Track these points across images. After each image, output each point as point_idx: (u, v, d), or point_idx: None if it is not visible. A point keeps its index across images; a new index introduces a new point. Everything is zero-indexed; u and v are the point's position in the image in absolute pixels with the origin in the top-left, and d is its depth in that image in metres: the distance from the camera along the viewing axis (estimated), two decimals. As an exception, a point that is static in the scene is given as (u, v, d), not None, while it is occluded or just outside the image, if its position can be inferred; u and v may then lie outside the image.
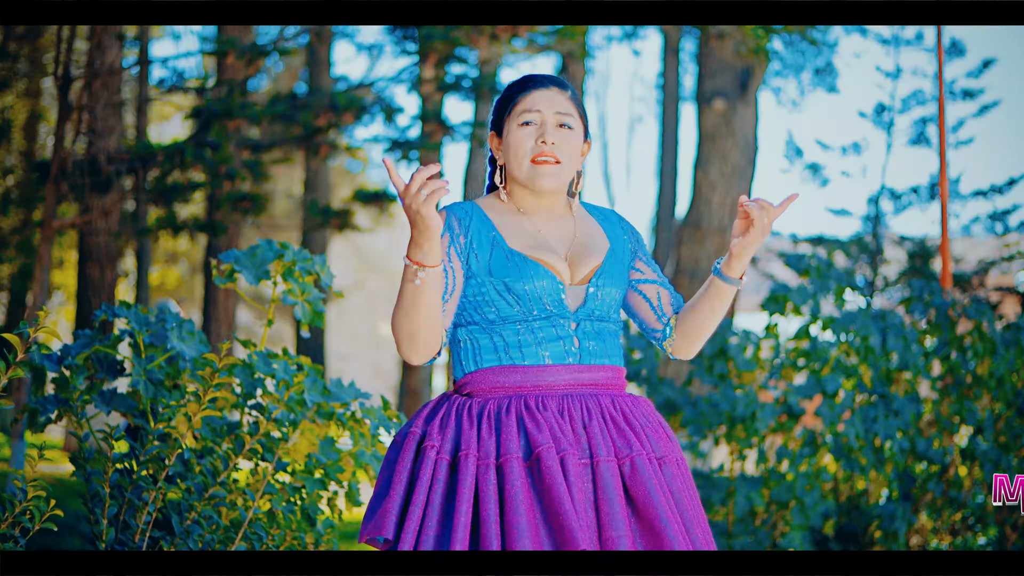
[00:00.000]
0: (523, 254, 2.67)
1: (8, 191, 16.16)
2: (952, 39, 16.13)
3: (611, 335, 2.73)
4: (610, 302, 2.72)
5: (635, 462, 2.55)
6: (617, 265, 2.76)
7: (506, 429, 2.55)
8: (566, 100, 2.75)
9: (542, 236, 2.73)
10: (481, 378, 2.64)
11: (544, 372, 2.63)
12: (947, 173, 10.11)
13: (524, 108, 2.73)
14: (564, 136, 2.73)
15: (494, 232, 2.70)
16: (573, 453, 2.51)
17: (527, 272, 2.65)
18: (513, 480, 2.48)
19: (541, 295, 2.64)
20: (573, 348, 2.66)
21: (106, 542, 3.51)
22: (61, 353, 3.82)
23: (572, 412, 2.60)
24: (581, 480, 2.52)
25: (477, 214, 2.73)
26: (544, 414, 2.57)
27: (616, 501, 2.50)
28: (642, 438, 2.61)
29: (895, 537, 6.31)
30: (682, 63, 18.18)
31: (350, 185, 24.27)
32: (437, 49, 9.07)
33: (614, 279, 2.74)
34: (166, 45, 54.68)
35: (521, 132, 2.72)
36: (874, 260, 16.35)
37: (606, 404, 2.64)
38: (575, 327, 2.67)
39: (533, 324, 2.64)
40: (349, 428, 3.96)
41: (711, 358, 6.49)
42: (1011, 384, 6.70)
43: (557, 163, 2.72)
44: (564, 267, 2.70)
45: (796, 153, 16.74)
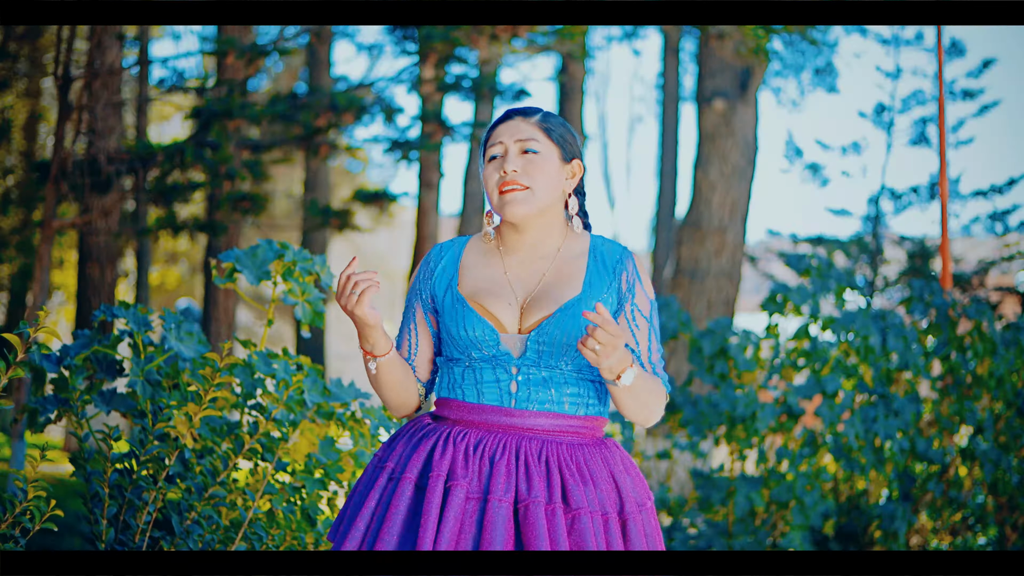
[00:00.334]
0: (465, 300, 2.68)
1: (8, 191, 16.16)
2: (952, 39, 16.14)
3: (568, 382, 2.64)
4: (562, 352, 2.62)
5: (529, 509, 2.50)
6: (578, 316, 2.63)
7: (420, 450, 2.62)
8: (529, 126, 2.72)
9: (505, 279, 2.71)
10: (440, 404, 2.74)
11: (480, 411, 2.65)
12: (947, 173, 10.11)
13: (491, 143, 2.74)
14: (528, 161, 2.69)
15: (454, 275, 2.74)
16: (463, 486, 2.53)
17: (462, 319, 2.66)
18: (399, 499, 2.56)
19: (476, 342, 2.65)
20: (509, 392, 2.64)
21: (106, 542, 3.51)
22: (60, 353, 3.82)
23: (486, 448, 2.60)
24: (464, 515, 2.51)
25: (451, 255, 2.77)
26: (457, 445, 2.60)
27: (499, 541, 2.47)
28: (552, 487, 2.54)
29: (895, 537, 6.31)
30: (682, 63, 18.19)
31: (350, 185, 24.28)
32: (437, 49, 9.07)
33: (567, 330, 2.62)
34: (166, 45, 54.66)
35: (489, 168, 2.72)
36: (874, 260, 16.35)
37: (529, 448, 2.59)
38: (516, 372, 2.64)
39: (475, 365, 2.67)
40: (349, 428, 3.96)
41: (711, 358, 6.49)
42: (1011, 384, 6.70)
43: (524, 189, 2.68)
44: (510, 314, 2.66)
45: (796, 153, 16.75)
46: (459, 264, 2.75)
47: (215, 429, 3.76)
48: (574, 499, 2.53)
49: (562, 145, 2.74)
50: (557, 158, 2.73)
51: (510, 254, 2.74)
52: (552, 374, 2.63)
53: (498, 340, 2.64)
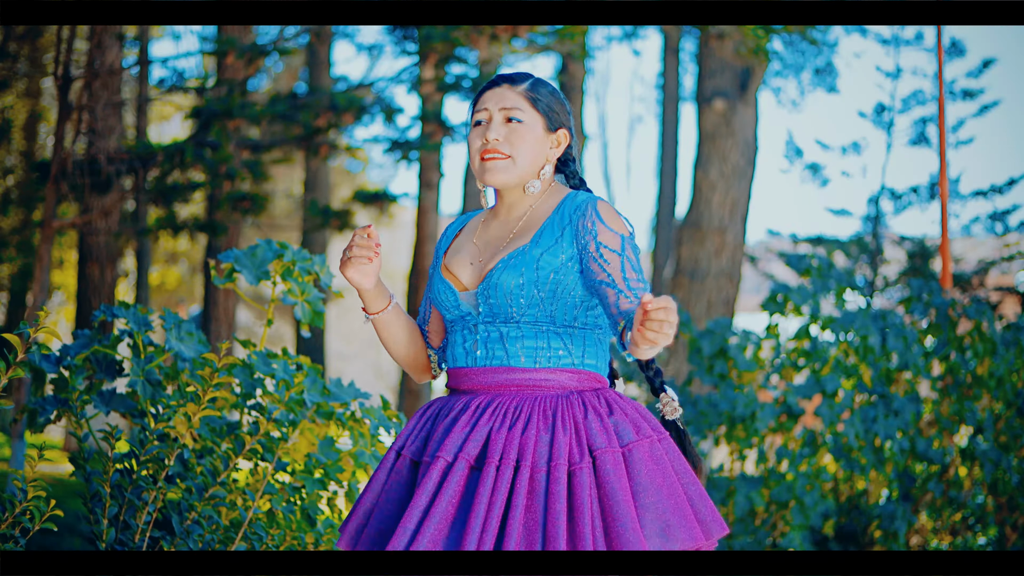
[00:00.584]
0: (439, 264, 2.77)
1: (8, 191, 16.16)
2: (952, 39, 16.13)
3: (526, 336, 2.62)
4: (508, 301, 2.61)
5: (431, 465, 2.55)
6: (523, 261, 2.62)
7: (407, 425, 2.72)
8: (515, 95, 2.72)
9: (473, 244, 2.75)
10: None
11: (454, 376, 2.72)
12: (947, 173, 10.12)
13: (476, 110, 2.76)
14: (511, 129, 2.70)
15: (448, 243, 2.82)
16: (406, 456, 2.63)
17: (432, 282, 2.75)
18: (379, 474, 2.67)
19: (441, 303, 2.72)
20: (474, 352, 2.67)
21: (106, 542, 3.51)
22: (60, 353, 3.82)
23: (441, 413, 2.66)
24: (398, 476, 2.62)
25: (454, 227, 2.87)
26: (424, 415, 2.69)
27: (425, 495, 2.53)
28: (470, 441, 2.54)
29: (895, 537, 6.31)
30: (682, 63, 18.19)
31: (350, 185, 24.28)
32: (437, 49, 9.07)
33: (510, 274, 2.61)
34: (166, 45, 54.67)
35: (472, 132, 2.75)
36: (874, 260, 16.35)
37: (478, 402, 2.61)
38: (476, 330, 2.67)
39: (451, 329, 2.73)
40: (349, 428, 3.96)
41: (711, 358, 6.49)
42: (1011, 384, 6.70)
43: (505, 157, 2.69)
44: (470, 273, 2.70)
45: (796, 153, 16.75)
46: (456, 234, 2.83)
47: (215, 429, 3.76)
48: (493, 448, 2.51)
49: (548, 115, 2.74)
50: (541, 128, 2.73)
51: (490, 219, 2.79)
52: (508, 328, 2.63)
53: (457, 299, 2.68)
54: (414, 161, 11.68)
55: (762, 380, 6.60)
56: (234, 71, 9.98)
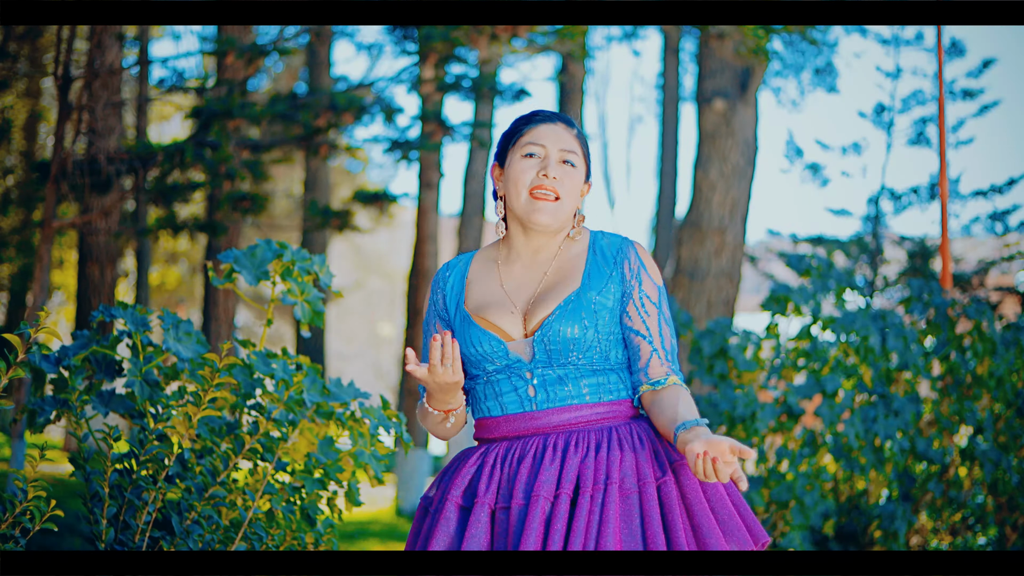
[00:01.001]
0: (471, 316, 2.71)
1: (8, 191, 16.16)
2: (952, 39, 16.13)
3: (584, 375, 2.66)
4: (569, 347, 2.64)
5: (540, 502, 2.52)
6: (580, 307, 2.65)
7: (458, 475, 2.66)
8: (572, 137, 2.74)
9: (503, 291, 2.73)
10: (476, 429, 2.78)
11: (505, 422, 2.68)
12: (947, 173, 10.12)
13: (529, 140, 2.73)
14: (566, 172, 2.71)
15: (461, 292, 2.76)
16: (483, 503, 2.57)
17: (469, 336, 2.69)
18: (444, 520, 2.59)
19: (485, 355, 2.68)
20: (529, 396, 2.66)
21: (106, 542, 3.51)
22: (59, 354, 3.82)
23: (513, 457, 2.63)
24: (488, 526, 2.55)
25: (456, 273, 2.80)
26: (484, 464, 2.64)
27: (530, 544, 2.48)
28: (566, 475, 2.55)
29: (895, 537, 6.31)
30: (682, 63, 18.18)
31: (350, 185, 24.29)
32: (437, 49, 9.07)
33: (571, 322, 2.64)
34: (166, 45, 54.67)
35: (523, 163, 2.72)
36: (874, 260, 16.35)
37: (556, 441, 2.61)
38: (530, 376, 2.66)
39: (492, 378, 2.70)
40: (349, 428, 3.96)
41: (711, 358, 6.49)
42: (1011, 384, 6.70)
43: (556, 199, 2.70)
44: (514, 322, 2.69)
45: (796, 153, 16.74)
46: (465, 280, 2.78)
47: (214, 429, 3.76)
48: (584, 479, 2.55)
49: (588, 163, 2.79)
50: (583, 175, 2.77)
51: (511, 262, 2.76)
52: (566, 371, 2.66)
53: (506, 350, 2.66)
54: (414, 161, 11.67)
55: (762, 380, 6.60)
56: (234, 71, 9.98)
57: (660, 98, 18.65)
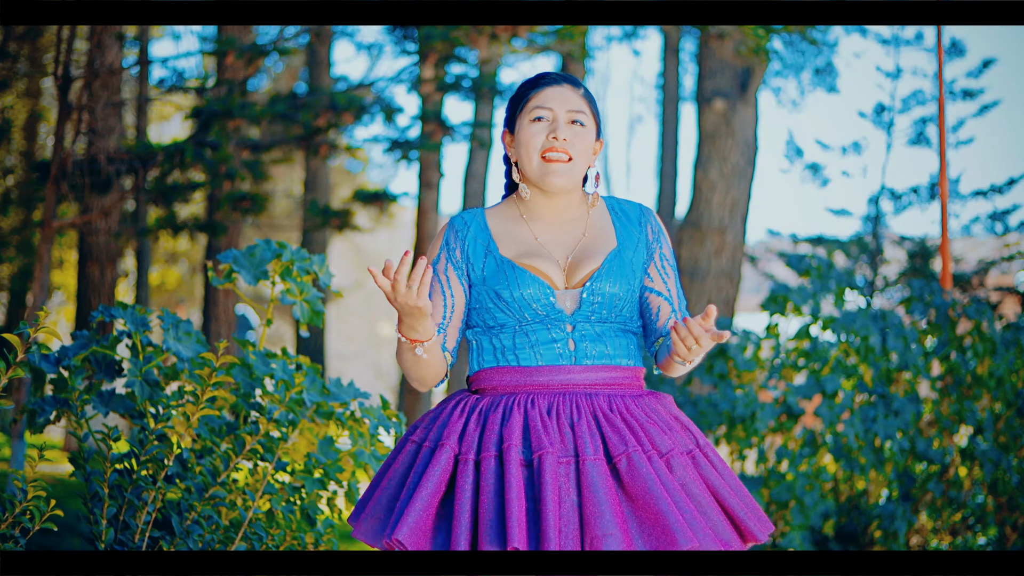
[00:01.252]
0: (513, 261, 2.70)
1: (8, 191, 16.16)
2: (952, 39, 16.13)
3: (617, 335, 2.72)
4: (612, 303, 2.70)
5: (631, 458, 2.53)
6: (622, 266, 2.72)
7: (490, 426, 2.60)
8: (578, 97, 2.77)
9: (539, 243, 2.74)
10: (483, 377, 2.71)
11: (538, 372, 2.66)
12: (947, 173, 10.12)
13: (536, 104, 2.75)
14: (576, 132, 2.75)
15: (489, 241, 2.75)
16: (552, 452, 2.52)
17: (515, 279, 2.68)
18: (488, 477, 2.52)
19: (531, 301, 2.67)
20: (568, 350, 2.67)
21: (106, 542, 3.51)
22: (59, 354, 3.82)
23: (561, 411, 2.61)
24: (560, 478, 2.51)
25: (476, 223, 2.79)
26: (531, 412, 2.60)
27: (605, 499, 2.48)
28: (640, 436, 2.59)
29: (895, 537, 6.31)
30: (682, 63, 18.18)
31: (350, 185, 24.28)
32: (437, 49, 9.07)
33: (616, 280, 2.70)
34: (166, 45, 54.65)
35: (532, 128, 2.74)
36: (874, 260, 16.35)
37: (600, 404, 2.63)
38: (571, 329, 2.68)
39: (528, 327, 2.69)
40: (348, 428, 3.96)
41: (711, 358, 6.48)
42: (1011, 384, 6.69)
43: (569, 160, 2.73)
44: (558, 272, 2.70)
45: (796, 153, 16.74)
46: (489, 231, 2.77)
47: (214, 429, 3.76)
48: (659, 444, 2.60)
49: (598, 120, 2.81)
50: (594, 132, 2.79)
51: (535, 220, 2.78)
52: (604, 328, 2.70)
53: (554, 296, 2.67)
54: (414, 161, 11.68)
55: (762, 380, 6.60)
56: (234, 71, 9.98)
57: (660, 98, 18.65)
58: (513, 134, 2.80)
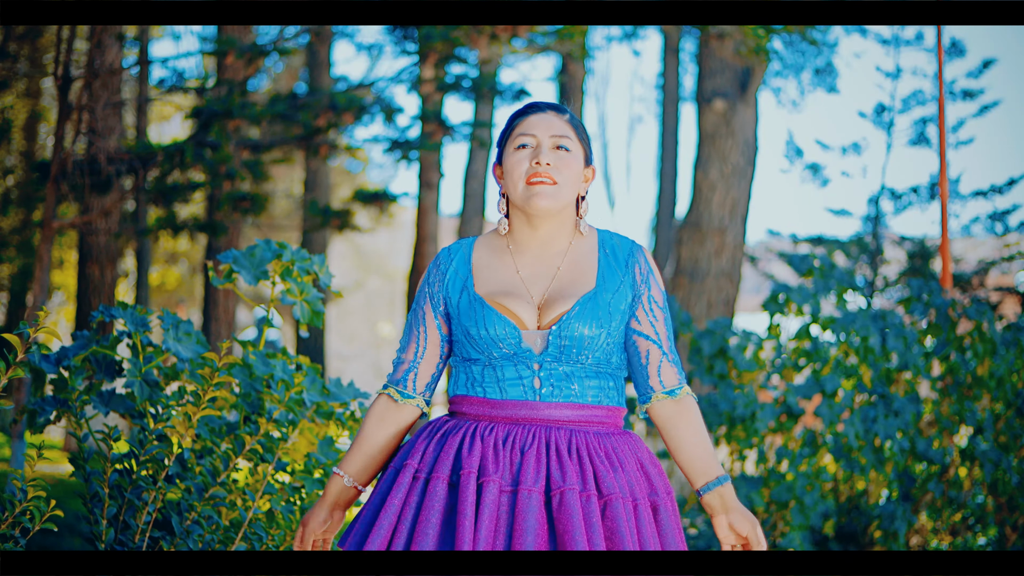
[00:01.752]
0: (484, 300, 2.70)
1: (8, 191, 16.17)
2: (952, 39, 16.13)
3: (589, 376, 2.69)
4: (582, 344, 2.66)
5: (564, 496, 2.52)
6: (596, 308, 2.68)
7: (447, 449, 2.63)
8: (563, 123, 2.76)
9: (518, 278, 2.73)
10: (456, 402, 2.74)
11: (502, 406, 2.67)
12: (947, 173, 10.12)
13: (520, 132, 2.75)
14: (560, 157, 2.72)
15: (467, 276, 2.75)
16: (495, 481, 2.54)
17: (483, 318, 2.68)
18: (432, 499, 2.57)
19: (498, 340, 2.67)
20: (533, 387, 2.66)
21: (106, 542, 3.51)
22: (59, 354, 3.82)
23: (516, 440, 2.62)
24: (497, 508, 2.53)
25: (460, 256, 2.79)
26: (486, 440, 2.62)
27: (531, 531, 2.49)
28: (587, 474, 2.57)
29: (895, 537, 6.31)
30: (682, 63, 18.18)
31: (350, 185, 24.29)
32: (437, 49, 9.07)
33: (588, 322, 2.66)
34: (166, 45, 54.68)
35: (517, 155, 2.73)
36: (874, 260, 16.34)
37: (557, 438, 2.62)
38: (538, 368, 2.67)
39: (496, 363, 2.69)
40: (349, 428, 3.96)
41: (711, 358, 6.49)
42: (1011, 384, 6.69)
43: (553, 183, 2.70)
44: (530, 311, 2.69)
45: (796, 153, 16.74)
46: (471, 265, 2.77)
47: (214, 429, 3.76)
48: (605, 486, 2.57)
49: (586, 147, 2.79)
50: (582, 159, 2.77)
51: (521, 253, 2.76)
52: (574, 369, 2.67)
53: (520, 337, 2.66)
54: (414, 161, 11.68)
55: (762, 380, 6.60)
56: (234, 71, 9.98)
57: (660, 98, 18.64)
58: (503, 166, 2.79)
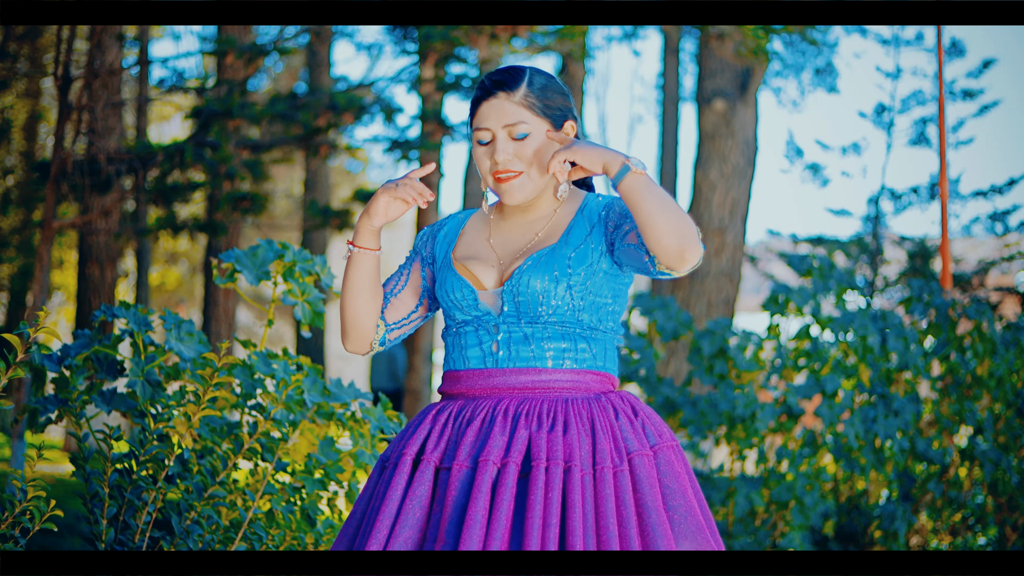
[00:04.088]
0: (451, 262, 2.68)
1: (8, 191, 16.17)
2: (952, 39, 16.14)
3: (553, 337, 2.59)
4: (537, 300, 2.58)
5: (479, 468, 2.47)
6: (552, 260, 2.59)
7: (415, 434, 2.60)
8: (514, 105, 2.63)
9: (488, 245, 2.69)
10: (442, 381, 2.71)
11: (467, 377, 2.62)
12: (947, 173, 10.12)
13: (476, 126, 2.67)
14: (519, 146, 2.64)
15: (453, 242, 2.73)
16: (429, 460, 2.52)
17: (445, 281, 2.66)
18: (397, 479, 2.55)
19: (457, 302, 2.63)
20: (492, 352, 2.61)
21: (106, 542, 3.51)
22: (61, 353, 3.82)
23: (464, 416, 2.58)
24: (432, 487, 2.52)
25: (453, 223, 2.78)
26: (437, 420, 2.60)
27: (451, 507, 2.46)
28: (516, 442, 2.50)
29: (895, 537, 6.31)
30: (682, 63, 18.18)
31: (350, 185, 24.29)
32: (437, 49, 9.07)
33: (541, 274, 2.58)
34: (166, 45, 54.68)
35: (478, 151, 2.68)
36: (874, 260, 16.35)
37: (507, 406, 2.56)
38: (497, 331, 2.61)
39: (461, 331, 2.65)
40: (349, 428, 3.96)
41: (711, 358, 6.48)
42: (1011, 384, 6.70)
43: (518, 174, 2.64)
44: (489, 273, 2.64)
45: (796, 153, 16.75)
46: (459, 232, 2.76)
47: (215, 429, 3.76)
48: (537, 451, 2.48)
49: (550, 115, 2.66)
50: (546, 130, 2.65)
51: (503, 221, 2.73)
52: (534, 329, 2.59)
53: (476, 298, 2.61)
54: (414, 161, 11.67)
55: (762, 380, 6.60)
56: (234, 71, 9.98)
57: (660, 98, 18.64)
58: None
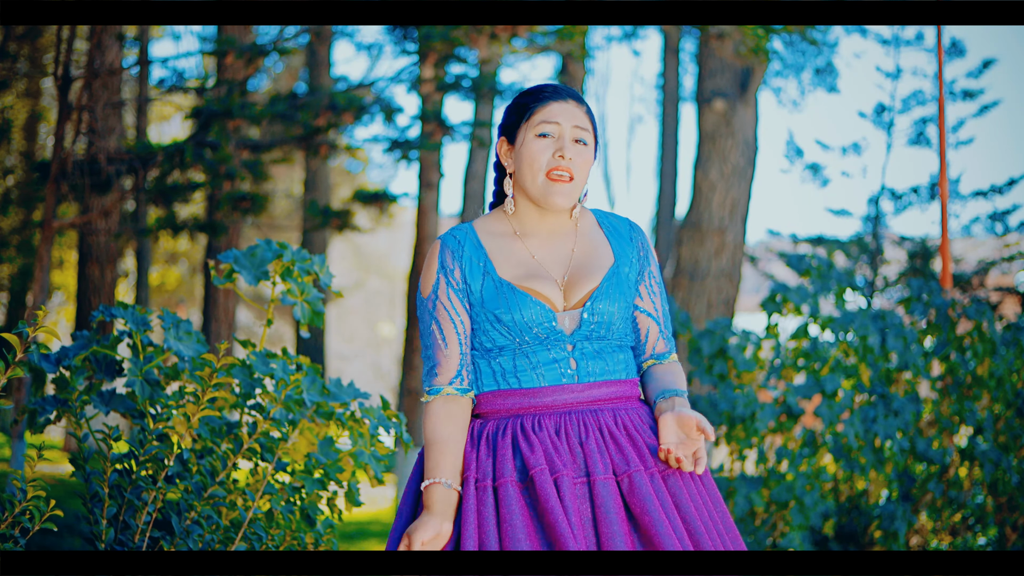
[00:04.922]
0: (512, 284, 2.66)
1: (8, 191, 16.18)
2: (952, 39, 16.13)
3: (615, 351, 2.71)
4: (610, 320, 2.68)
5: (632, 479, 2.53)
6: (619, 284, 2.71)
7: (501, 451, 2.59)
8: (583, 114, 2.72)
9: (536, 262, 2.70)
10: (484, 401, 2.68)
11: (541, 394, 2.64)
12: (947, 173, 10.12)
13: (543, 119, 2.69)
14: (579, 151, 2.70)
15: (485, 261, 2.70)
16: (568, 474, 2.53)
17: (515, 303, 2.65)
18: (509, 504, 2.52)
19: (531, 324, 2.64)
20: (570, 370, 2.65)
21: (106, 542, 3.51)
22: (60, 354, 3.82)
23: (569, 431, 2.60)
24: (577, 500, 2.53)
25: (470, 241, 2.72)
26: (540, 435, 2.59)
27: (615, 518, 2.50)
28: (643, 452, 2.60)
29: (895, 537, 6.31)
30: (682, 63, 18.18)
31: (350, 185, 24.29)
32: (437, 49, 9.07)
33: (614, 299, 2.70)
34: (166, 45, 54.69)
35: (538, 143, 2.68)
36: (874, 260, 16.35)
37: (606, 420, 2.63)
38: (572, 349, 2.66)
39: (527, 349, 2.65)
40: (349, 428, 3.96)
41: (711, 358, 6.48)
42: (1011, 384, 6.69)
43: (571, 180, 2.68)
44: (557, 293, 2.68)
45: (796, 153, 16.74)
46: (484, 250, 2.72)
47: (214, 429, 3.76)
48: (659, 461, 2.62)
49: (596, 140, 2.78)
50: (593, 152, 2.75)
51: (529, 236, 2.73)
52: (603, 345, 2.69)
53: (554, 319, 2.65)
54: (414, 161, 11.68)
55: (762, 380, 6.60)
56: (234, 71, 9.98)
57: (660, 98, 18.64)
58: (512, 144, 2.73)
